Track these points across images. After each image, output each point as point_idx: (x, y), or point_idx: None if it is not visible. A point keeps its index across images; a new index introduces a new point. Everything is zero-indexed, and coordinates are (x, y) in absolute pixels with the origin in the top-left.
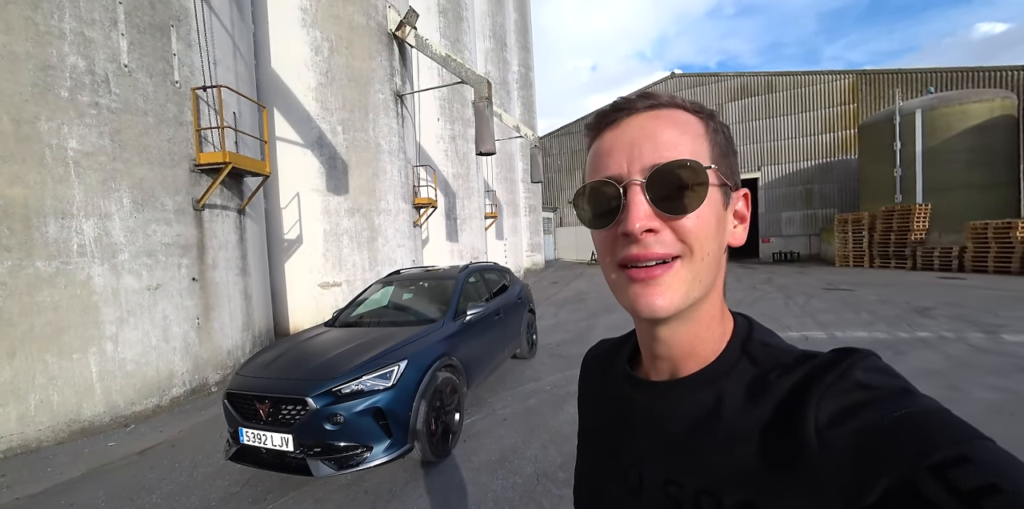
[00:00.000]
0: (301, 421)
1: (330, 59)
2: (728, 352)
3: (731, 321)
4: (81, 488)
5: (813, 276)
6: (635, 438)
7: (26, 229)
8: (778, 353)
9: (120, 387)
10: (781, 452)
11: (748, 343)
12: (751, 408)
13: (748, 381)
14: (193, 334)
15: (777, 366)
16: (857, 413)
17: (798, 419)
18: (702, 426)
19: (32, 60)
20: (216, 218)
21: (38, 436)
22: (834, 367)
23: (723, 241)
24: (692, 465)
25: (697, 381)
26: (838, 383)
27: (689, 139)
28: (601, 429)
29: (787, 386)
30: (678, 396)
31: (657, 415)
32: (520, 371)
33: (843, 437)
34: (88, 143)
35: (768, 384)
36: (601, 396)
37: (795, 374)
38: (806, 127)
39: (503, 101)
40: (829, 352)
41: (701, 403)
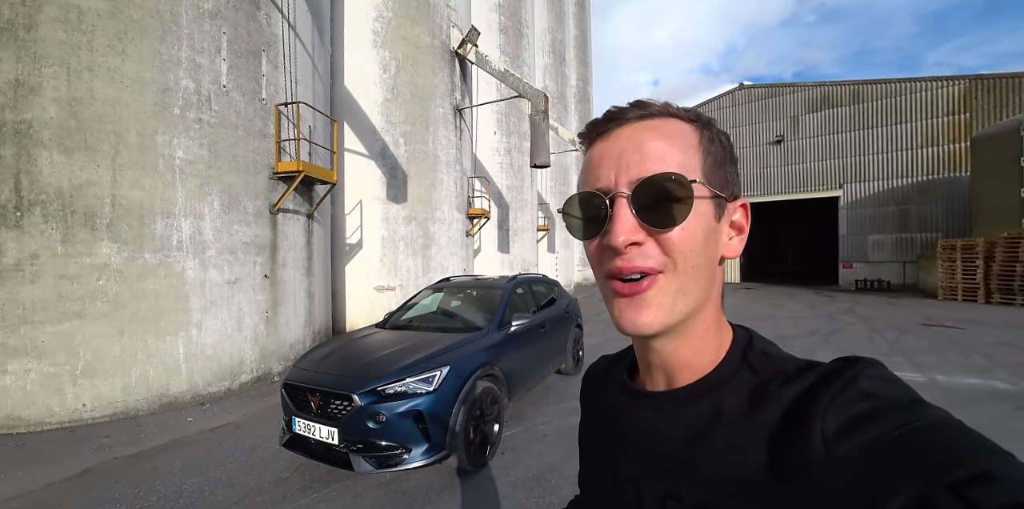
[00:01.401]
0: (347, 416)
1: (396, 76)
2: (727, 362)
3: (729, 332)
4: (164, 456)
5: (907, 309)
6: (632, 451)
7: (140, 226)
8: (779, 362)
9: (200, 369)
10: (785, 464)
11: (748, 353)
12: (751, 418)
13: (748, 391)
14: (262, 326)
15: (778, 375)
16: (867, 424)
17: (803, 430)
18: (700, 437)
19: (156, 84)
20: (288, 221)
21: (136, 406)
22: (839, 376)
23: (714, 254)
24: (690, 478)
25: (694, 391)
26: (844, 392)
27: (679, 150)
28: (599, 443)
29: (790, 396)
30: (675, 407)
31: (653, 427)
32: (564, 387)
33: (853, 449)
34: (191, 153)
35: (769, 394)
36: (600, 410)
37: (798, 383)
38: (901, 140)
39: (560, 115)
40: (832, 361)
41: (698, 414)
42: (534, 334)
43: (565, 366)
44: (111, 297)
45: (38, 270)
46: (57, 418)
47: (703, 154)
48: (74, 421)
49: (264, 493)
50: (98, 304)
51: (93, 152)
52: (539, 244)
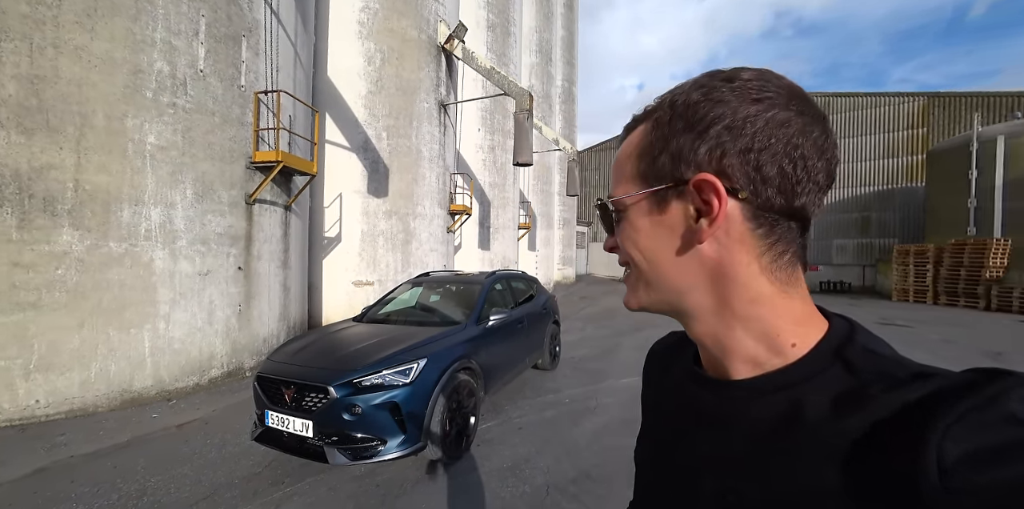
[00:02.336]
0: (322, 409)
1: (381, 69)
2: (814, 355)
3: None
4: (125, 454)
5: (865, 309)
6: (695, 438)
7: (105, 212)
8: (888, 364)
9: (167, 363)
10: (874, 483)
11: (846, 348)
12: (840, 422)
13: (840, 390)
14: (234, 320)
15: (883, 378)
16: (1010, 457)
17: (912, 448)
18: (770, 436)
19: (127, 65)
20: (264, 212)
21: (95, 402)
22: (976, 390)
23: (672, 245)
24: (756, 476)
25: (769, 383)
26: (981, 412)
27: (629, 164)
28: (662, 425)
29: (897, 404)
30: (747, 398)
31: (721, 416)
32: (540, 382)
33: (982, 487)
34: (163, 139)
35: (867, 397)
36: (662, 390)
37: (911, 390)
38: (865, 151)
39: (544, 114)
40: (965, 371)
41: (771, 410)
42: (511, 329)
43: (542, 361)
44: (71, 287)
45: None
46: (6, 415)
47: (640, 153)
48: (26, 418)
49: (234, 488)
50: (56, 294)
51: (56, 134)
52: (520, 242)
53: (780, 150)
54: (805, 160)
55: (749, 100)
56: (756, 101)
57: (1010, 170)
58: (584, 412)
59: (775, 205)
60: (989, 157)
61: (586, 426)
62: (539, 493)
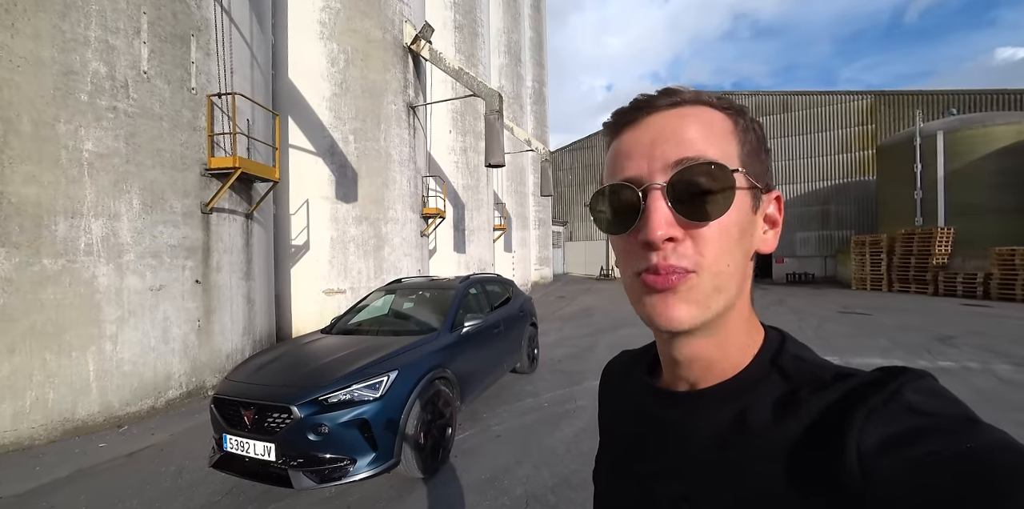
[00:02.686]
0: (285, 430)
1: (345, 70)
2: (755, 365)
3: (760, 333)
4: (65, 490)
5: (828, 298)
6: (653, 452)
7: (36, 227)
8: (814, 368)
9: (116, 387)
10: (813, 477)
11: (779, 356)
12: (779, 425)
13: (777, 396)
14: (193, 336)
15: (811, 381)
16: (911, 442)
17: (836, 442)
18: (723, 442)
19: (56, 65)
20: (223, 222)
21: (31, 434)
22: (881, 387)
23: (749, 249)
24: (710, 483)
25: (720, 393)
26: (887, 405)
27: (715, 138)
28: (619, 442)
29: (823, 404)
30: (699, 408)
31: (676, 428)
32: (519, 386)
33: (892, 469)
34: (103, 145)
35: (799, 400)
36: (621, 408)
37: (833, 391)
38: (822, 147)
39: (516, 115)
40: (874, 370)
41: (722, 418)
42: (488, 334)
43: (520, 365)
44: None
45: None
46: None
47: (739, 142)
48: None
49: None
50: None
51: None
52: (496, 244)
53: None
54: None
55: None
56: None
57: (949, 163)
58: (563, 415)
59: None
60: (931, 151)
61: (565, 430)
62: (519, 504)
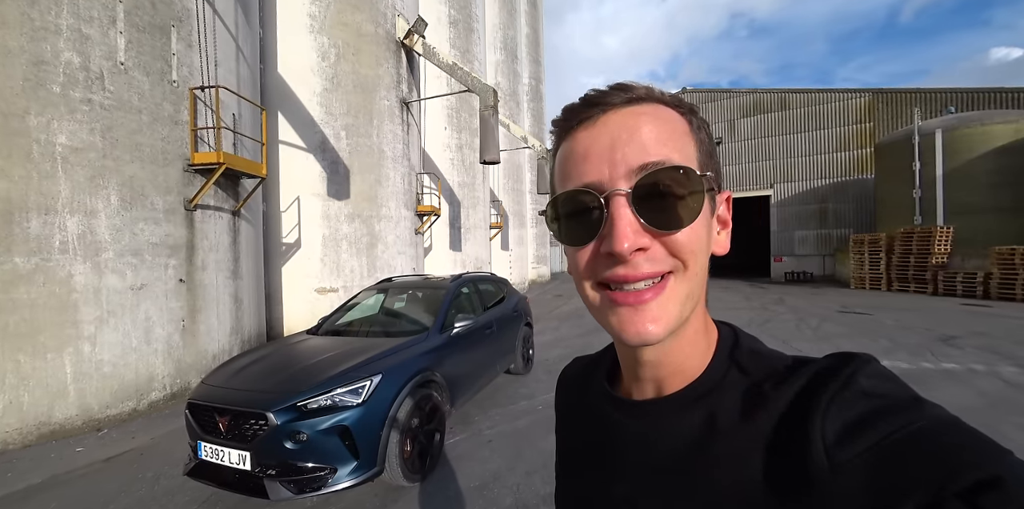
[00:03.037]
0: (261, 438)
1: (336, 65)
2: (715, 364)
3: (715, 331)
4: (36, 497)
5: (827, 297)
6: (623, 466)
7: (7, 224)
8: (769, 360)
9: (96, 389)
10: (786, 475)
11: (735, 352)
12: (747, 425)
13: (740, 394)
14: (177, 337)
15: (770, 375)
16: (867, 428)
17: (803, 436)
18: (695, 448)
19: (25, 55)
20: (208, 219)
21: (4, 438)
22: (836, 375)
23: (709, 251)
24: (686, 492)
25: (685, 398)
26: (842, 393)
27: (676, 140)
28: (584, 456)
29: (786, 398)
30: (665, 416)
31: (644, 438)
32: (514, 388)
33: (855, 456)
34: (78, 139)
35: (764, 396)
36: (581, 419)
37: (793, 383)
38: (820, 145)
39: (512, 112)
40: (826, 357)
41: (692, 422)
42: (480, 335)
43: (514, 366)
44: None
45: None
46: None
47: (696, 142)
48: None
49: None
50: None
51: None
52: (492, 242)
53: None
54: None
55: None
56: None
57: (948, 161)
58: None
59: None
60: (929, 149)
61: None
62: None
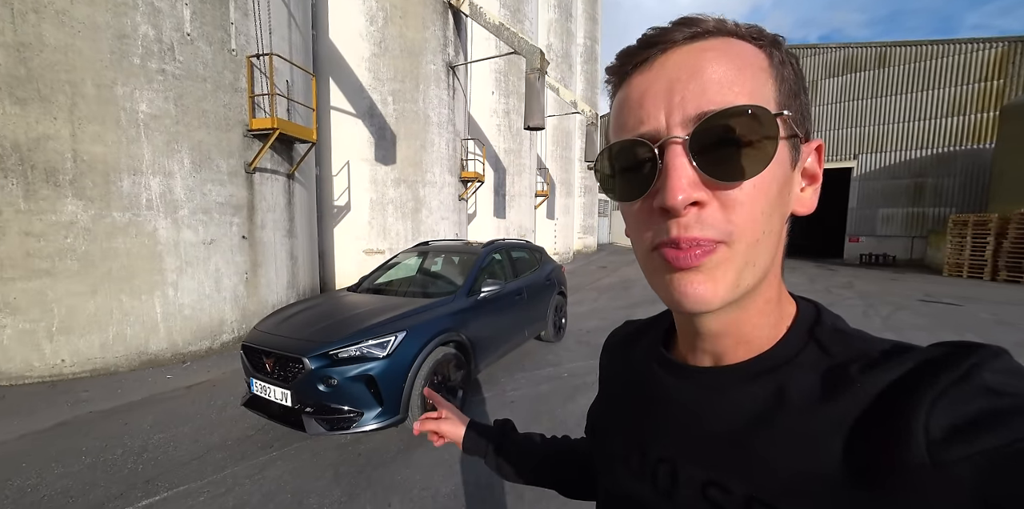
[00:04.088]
0: (299, 379)
1: (384, 29)
2: (790, 338)
3: (792, 304)
4: (137, 411)
5: (909, 284)
6: (668, 431)
7: (105, 183)
8: (858, 342)
9: (180, 328)
10: (869, 463)
11: (817, 328)
12: (826, 406)
13: (821, 373)
14: (242, 287)
15: (859, 357)
16: (985, 428)
17: (900, 425)
18: (757, 423)
19: (110, 29)
20: (266, 181)
21: (116, 362)
22: (952, 364)
23: (785, 211)
24: (741, 467)
25: (751, 369)
26: (959, 385)
27: (748, 76)
28: (624, 418)
29: (881, 382)
30: (727, 386)
31: (698, 406)
32: (542, 354)
33: (965, 458)
34: (155, 107)
35: (849, 378)
36: (627, 380)
37: (892, 368)
38: (926, 108)
39: (564, 75)
40: (938, 345)
41: (757, 395)
42: (508, 301)
43: (545, 333)
44: (80, 255)
45: (2, 226)
46: (38, 372)
47: (776, 80)
48: (55, 376)
49: (226, 450)
50: (68, 262)
51: (48, 103)
52: (538, 210)
53: None
54: None
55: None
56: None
57: None
58: (581, 387)
59: None
60: None
61: (580, 402)
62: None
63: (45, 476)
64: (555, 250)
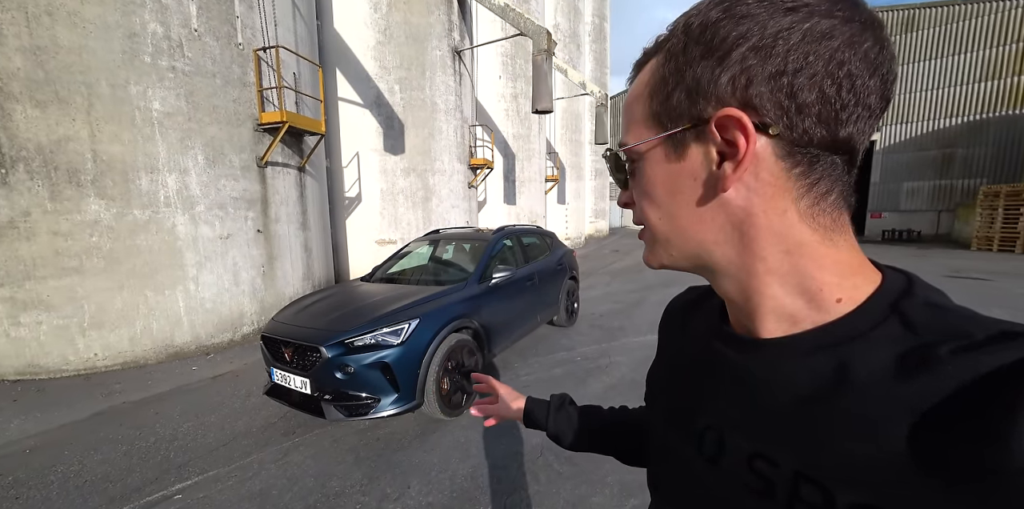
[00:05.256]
0: (317, 367)
1: (388, 16)
2: (864, 311)
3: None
4: (166, 401)
5: (934, 260)
6: (717, 399)
7: (125, 182)
8: (958, 320)
9: (202, 321)
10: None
11: (903, 302)
12: (900, 385)
13: (900, 350)
14: (259, 280)
15: (956, 337)
16: None
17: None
18: (815, 398)
19: (120, 29)
20: (278, 175)
21: (144, 355)
22: None
23: (693, 197)
24: (791, 442)
25: (810, 341)
26: None
27: (639, 105)
28: (676, 383)
29: (979, 368)
30: (784, 357)
31: (750, 376)
32: (555, 339)
33: None
34: (168, 104)
35: (935, 359)
36: (682, 346)
37: (998, 354)
38: (955, 74)
39: (572, 56)
40: None
41: (815, 370)
42: (520, 286)
43: (557, 318)
44: (106, 253)
45: (32, 227)
46: (73, 366)
47: (654, 91)
48: (89, 369)
49: (251, 437)
50: (94, 260)
51: (66, 105)
52: (548, 195)
53: (820, 69)
54: (853, 79)
55: (781, 10)
56: (790, 10)
57: None
58: (594, 371)
59: (815, 138)
60: None
61: (594, 386)
62: (533, 453)
63: (86, 462)
64: (567, 235)
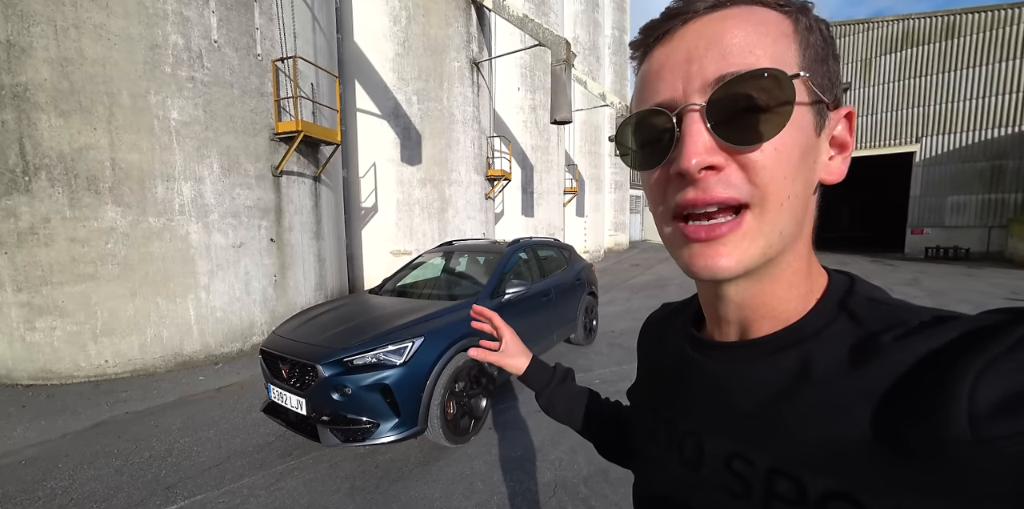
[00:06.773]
0: (313, 387)
1: (407, 28)
2: (819, 310)
3: (823, 277)
4: (169, 413)
5: (987, 280)
6: (695, 405)
7: (141, 189)
8: (895, 311)
9: (212, 330)
10: (900, 436)
11: (849, 299)
12: (854, 376)
13: (851, 343)
14: (271, 290)
15: (895, 325)
16: None
17: (938, 397)
18: (782, 396)
19: (143, 41)
20: (293, 184)
21: (154, 363)
22: (1003, 333)
23: (811, 178)
24: (765, 439)
25: (776, 342)
26: (1011, 356)
27: (770, 41)
28: (656, 394)
29: (918, 351)
30: (751, 359)
31: (723, 380)
32: (572, 359)
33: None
34: (186, 114)
35: (881, 346)
36: (660, 359)
37: (933, 336)
38: (1004, 81)
39: (591, 67)
40: (991, 312)
41: (781, 368)
42: (535, 302)
43: (575, 336)
44: (120, 260)
45: (50, 233)
46: (84, 372)
47: (800, 45)
48: (99, 376)
49: (246, 457)
50: (109, 267)
51: (88, 114)
52: (567, 208)
53: None
54: None
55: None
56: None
57: None
58: (614, 395)
59: None
60: None
61: None
62: (545, 491)
63: (76, 478)
64: (585, 248)
